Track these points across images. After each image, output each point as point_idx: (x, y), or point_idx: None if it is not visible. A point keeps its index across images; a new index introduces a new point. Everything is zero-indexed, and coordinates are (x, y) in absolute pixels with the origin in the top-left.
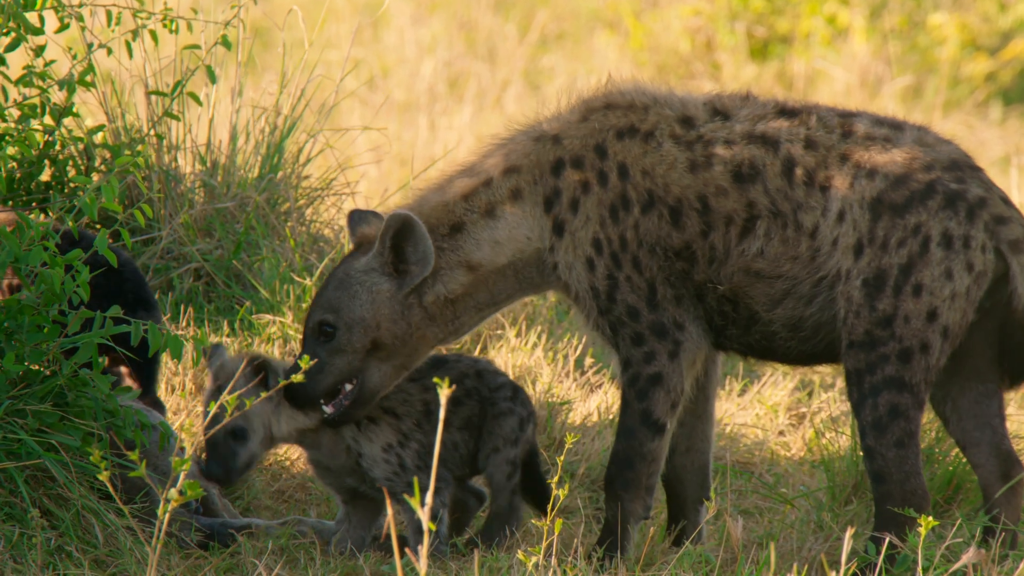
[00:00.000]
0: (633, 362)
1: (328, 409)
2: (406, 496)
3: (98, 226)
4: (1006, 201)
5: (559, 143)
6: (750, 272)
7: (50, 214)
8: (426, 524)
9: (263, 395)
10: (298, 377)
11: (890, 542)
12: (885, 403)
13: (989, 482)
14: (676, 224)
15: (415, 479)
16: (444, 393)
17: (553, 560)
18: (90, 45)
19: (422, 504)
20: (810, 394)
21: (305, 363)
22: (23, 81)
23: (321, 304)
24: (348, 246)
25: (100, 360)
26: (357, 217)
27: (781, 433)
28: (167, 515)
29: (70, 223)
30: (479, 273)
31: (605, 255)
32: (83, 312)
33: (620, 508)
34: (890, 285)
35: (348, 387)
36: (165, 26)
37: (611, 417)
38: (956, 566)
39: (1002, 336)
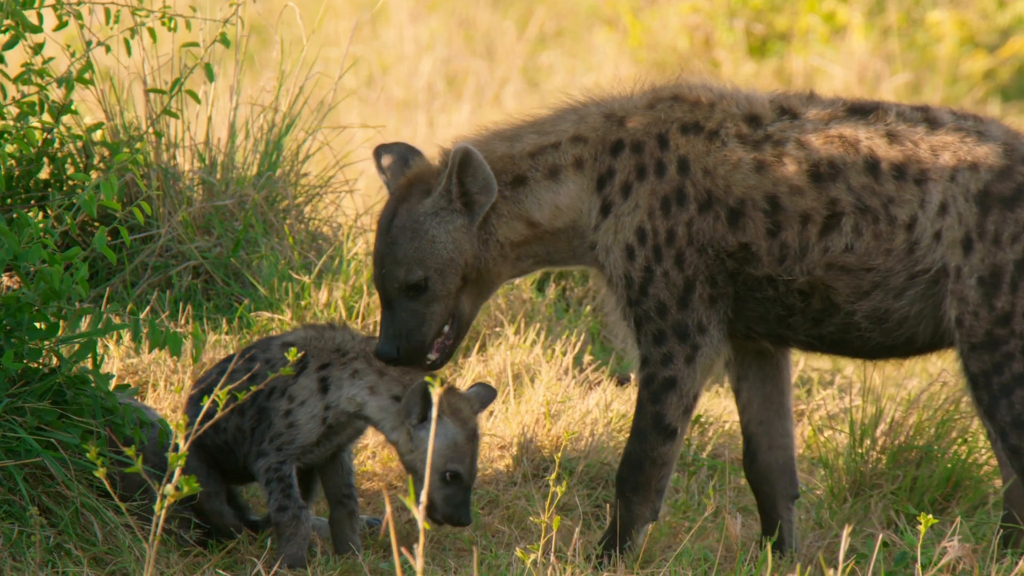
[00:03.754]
0: (651, 361)
1: (433, 356)
2: (401, 497)
3: (97, 224)
4: None
5: (623, 125)
6: (834, 267)
7: (49, 212)
8: (421, 524)
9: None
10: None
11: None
12: (1021, 400)
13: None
14: (734, 225)
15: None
16: (436, 392)
17: (552, 557)
18: (89, 43)
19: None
20: (808, 391)
21: (292, 354)
22: (22, 79)
23: (402, 260)
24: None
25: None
26: (389, 153)
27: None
28: (163, 512)
29: (68, 219)
30: (537, 231)
31: (648, 246)
32: (83, 309)
33: (628, 510)
34: (1006, 282)
35: (446, 328)
36: (164, 24)
37: (609, 415)
38: (943, 561)
39: None
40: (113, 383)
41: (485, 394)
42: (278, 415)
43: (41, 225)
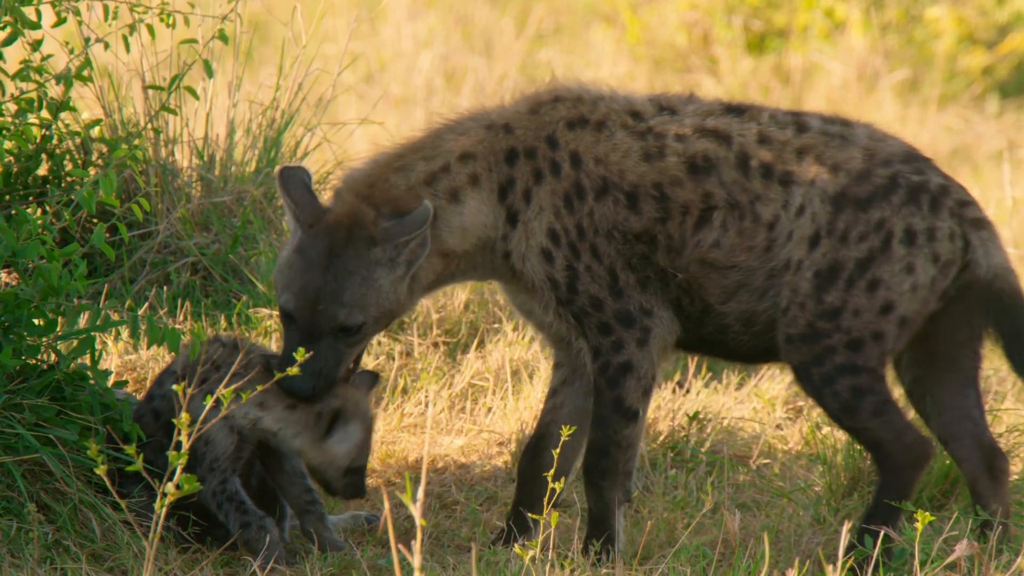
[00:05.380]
0: (603, 351)
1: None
2: (399, 494)
3: (96, 220)
4: (964, 189)
5: (511, 132)
6: (704, 262)
7: (47, 208)
8: (419, 521)
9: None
10: (293, 370)
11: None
12: (845, 388)
13: (975, 476)
14: (633, 209)
15: None
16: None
17: (550, 554)
18: (87, 39)
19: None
20: None
21: (301, 355)
22: (20, 75)
23: (346, 302)
24: (287, 211)
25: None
26: (295, 178)
27: (778, 427)
28: (163, 510)
29: (66, 216)
30: (449, 260)
31: (563, 245)
32: (81, 306)
33: (601, 497)
34: (843, 278)
35: None
36: (162, 20)
37: None
38: (950, 559)
39: (969, 314)
40: (111, 379)
41: (372, 381)
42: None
43: (40, 222)
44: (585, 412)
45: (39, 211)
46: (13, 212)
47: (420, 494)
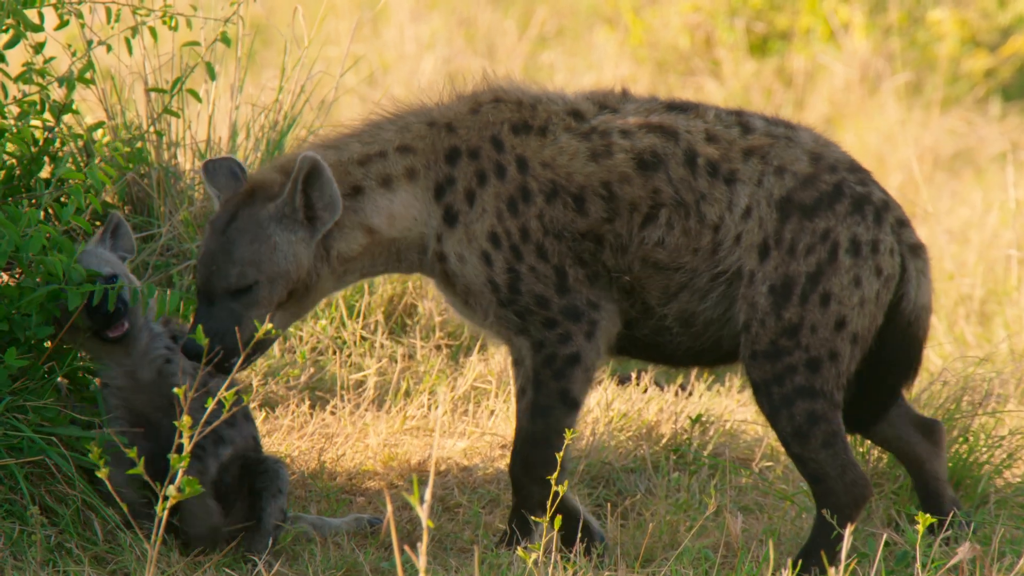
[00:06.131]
0: (547, 343)
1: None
2: (405, 495)
3: (99, 224)
4: (902, 209)
5: (454, 131)
6: (648, 262)
7: (50, 211)
8: (425, 522)
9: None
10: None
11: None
12: (801, 412)
13: (914, 442)
14: (580, 210)
15: None
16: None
17: (553, 556)
18: (90, 42)
19: (421, 501)
20: None
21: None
22: (23, 78)
23: (236, 260)
24: (211, 200)
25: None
26: (219, 167)
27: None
28: (166, 511)
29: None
30: (374, 239)
31: (504, 248)
32: (86, 288)
33: (542, 488)
34: (797, 294)
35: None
36: (165, 23)
37: (610, 414)
38: (952, 562)
39: (883, 340)
40: None
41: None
42: None
43: (40, 222)
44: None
45: (41, 213)
46: (13, 205)
47: (427, 495)
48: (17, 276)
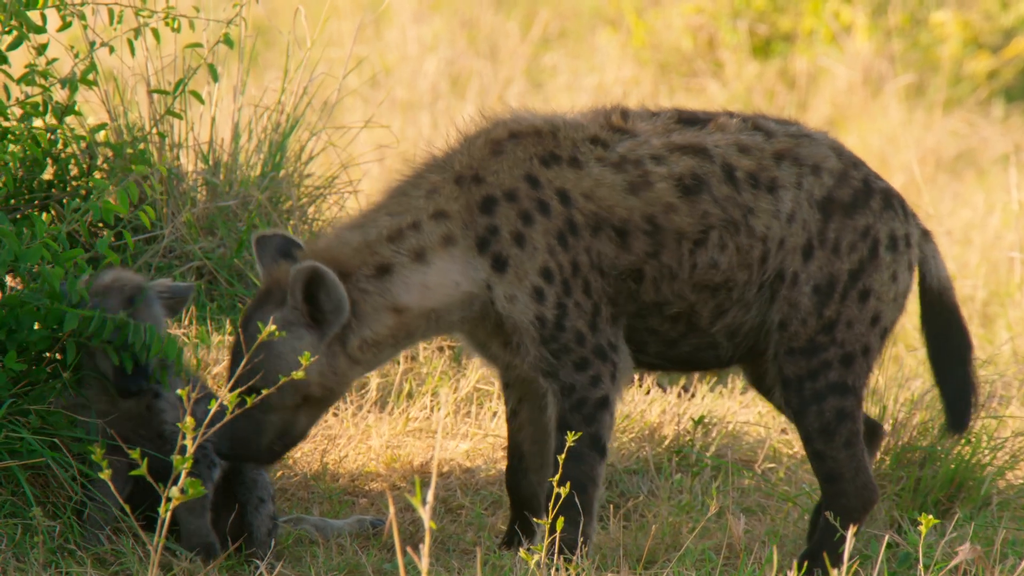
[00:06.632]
0: (578, 387)
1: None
2: (407, 496)
3: (101, 224)
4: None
5: (482, 182)
6: (701, 286)
7: (54, 213)
8: (427, 523)
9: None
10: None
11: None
12: (831, 408)
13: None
14: (624, 246)
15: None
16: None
17: (556, 558)
18: (92, 43)
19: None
20: None
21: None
22: (25, 80)
23: (247, 367)
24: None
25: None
26: (267, 245)
27: (783, 431)
28: (168, 512)
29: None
30: (405, 316)
31: (556, 283)
32: (85, 312)
33: (584, 532)
34: (839, 291)
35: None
36: (167, 24)
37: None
38: (954, 562)
39: (930, 320)
40: None
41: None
42: None
43: (47, 228)
44: (543, 426)
45: (46, 216)
46: (20, 216)
47: (429, 497)
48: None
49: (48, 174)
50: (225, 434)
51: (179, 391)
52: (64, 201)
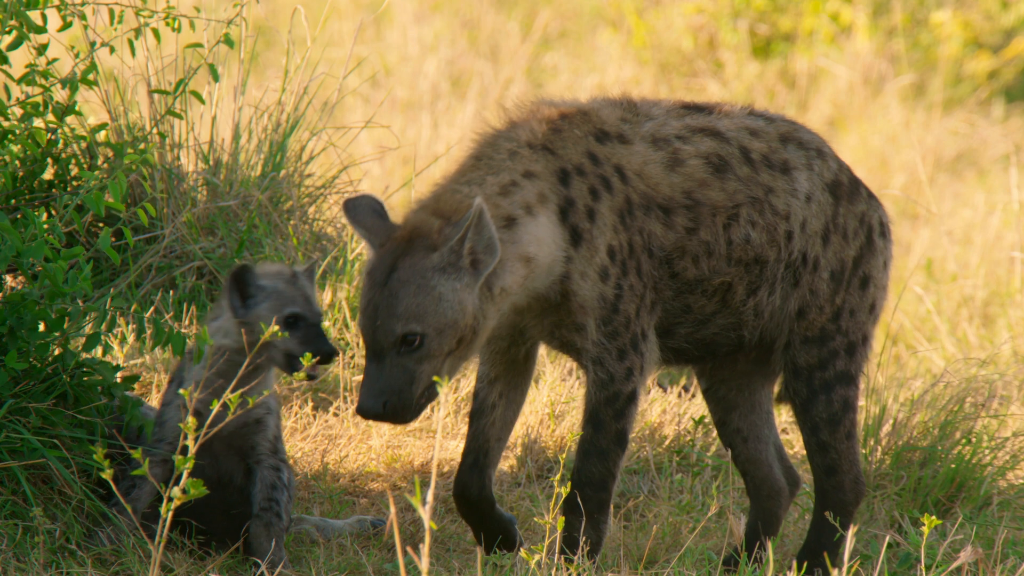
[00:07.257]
0: (616, 379)
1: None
2: (407, 496)
3: (102, 224)
4: None
5: (553, 153)
6: (735, 261)
7: (53, 212)
8: (427, 522)
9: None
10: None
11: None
12: (839, 397)
13: (778, 491)
14: (668, 224)
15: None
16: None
17: (556, 558)
18: (93, 43)
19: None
20: None
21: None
22: (26, 79)
23: (401, 314)
24: (353, 240)
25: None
26: (359, 207)
27: (783, 431)
28: (169, 513)
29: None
30: (531, 267)
31: (617, 262)
32: (88, 307)
33: (596, 529)
34: (846, 278)
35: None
36: (168, 24)
37: None
38: (955, 564)
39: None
40: (119, 376)
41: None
42: None
43: (46, 226)
44: (509, 421)
45: (46, 215)
46: (19, 215)
47: (429, 497)
48: (20, 287)
49: (48, 174)
50: (374, 392)
51: (180, 391)
52: (59, 196)
